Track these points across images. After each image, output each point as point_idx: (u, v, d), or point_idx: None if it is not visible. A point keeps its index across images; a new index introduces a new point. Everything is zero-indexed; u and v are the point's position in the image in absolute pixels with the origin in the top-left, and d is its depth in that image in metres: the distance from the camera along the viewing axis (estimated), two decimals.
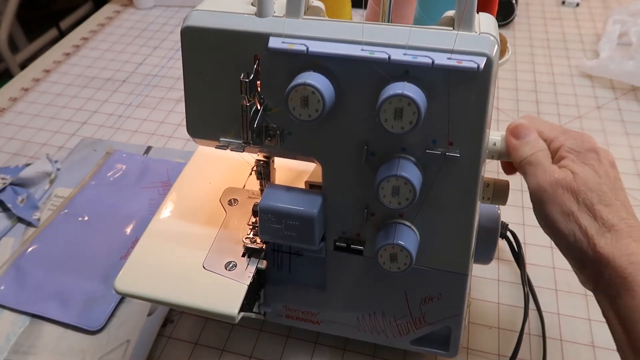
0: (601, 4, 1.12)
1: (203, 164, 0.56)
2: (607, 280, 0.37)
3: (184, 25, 0.40)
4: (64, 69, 0.98)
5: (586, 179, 0.39)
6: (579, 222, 0.38)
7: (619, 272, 0.36)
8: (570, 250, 0.39)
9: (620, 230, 0.37)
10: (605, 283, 0.37)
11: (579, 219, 0.38)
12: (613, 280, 0.37)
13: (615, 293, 0.37)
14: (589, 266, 0.38)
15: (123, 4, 1.18)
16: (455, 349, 0.48)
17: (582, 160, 0.40)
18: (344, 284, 0.47)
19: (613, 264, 0.37)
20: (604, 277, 0.37)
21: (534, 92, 0.87)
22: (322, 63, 0.38)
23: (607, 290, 0.37)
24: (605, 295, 0.38)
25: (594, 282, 0.38)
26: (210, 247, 0.48)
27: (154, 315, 0.57)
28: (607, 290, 0.37)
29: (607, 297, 0.38)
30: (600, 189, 0.39)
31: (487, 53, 0.35)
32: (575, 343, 0.54)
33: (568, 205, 0.38)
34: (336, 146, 0.41)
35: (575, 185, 0.38)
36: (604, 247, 0.37)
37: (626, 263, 0.36)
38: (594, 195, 0.38)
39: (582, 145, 0.41)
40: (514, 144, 0.42)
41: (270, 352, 0.54)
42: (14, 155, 0.79)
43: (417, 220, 0.42)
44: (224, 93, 0.41)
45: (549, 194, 0.39)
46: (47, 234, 0.65)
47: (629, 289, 0.36)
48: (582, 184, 0.38)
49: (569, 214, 0.38)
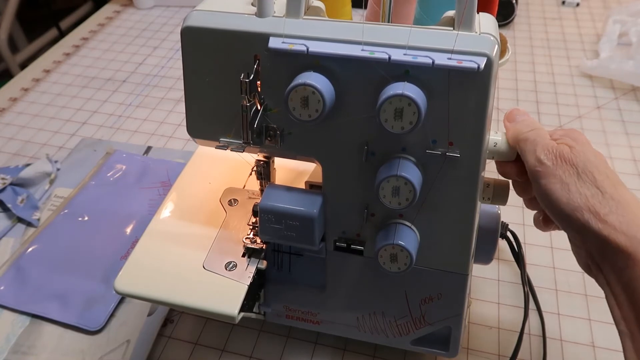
0: (601, 4, 1.12)
1: (203, 164, 0.56)
2: (614, 250, 0.35)
3: (184, 25, 0.40)
4: (64, 69, 0.98)
5: (584, 151, 0.38)
6: (580, 189, 0.37)
7: (627, 240, 0.35)
8: (572, 222, 0.37)
9: (624, 201, 0.36)
10: (612, 253, 0.36)
11: (580, 187, 0.37)
12: (621, 249, 0.35)
13: (624, 264, 0.35)
14: (592, 238, 0.37)
15: (123, 4, 1.18)
16: (455, 349, 0.48)
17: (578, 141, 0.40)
18: (344, 284, 0.47)
19: (621, 231, 0.35)
20: (610, 247, 0.36)
21: (534, 92, 0.88)
22: (322, 63, 0.38)
23: (614, 262, 0.36)
24: (612, 269, 0.36)
25: (600, 254, 0.37)
26: (211, 247, 0.48)
27: (154, 315, 0.57)
28: (615, 261, 0.36)
29: (614, 271, 0.36)
30: (600, 164, 0.38)
31: (487, 53, 0.35)
32: (575, 343, 0.54)
33: (567, 176, 0.38)
34: (336, 146, 0.41)
35: (573, 156, 0.38)
36: (609, 215, 0.36)
37: (635, 232, 0.35)
38: (592, 166, 0.38)
39: (575, 134, 0.41)
40: (509, 126, 0.42)
41: (270, 352, 0.54)
42: (14, 155, 0.79)
43: (417, 221, 0.42)
44: (224, 93, 0.41)
45: (547, 166, 0.38)
46: (47, 234, 0.65)
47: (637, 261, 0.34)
48: (580, 155, 0.38)
49: (569, 184, 0.37)
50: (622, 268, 0.35)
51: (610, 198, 0.36)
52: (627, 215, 0.36)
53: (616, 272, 0.36)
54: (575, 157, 0.38)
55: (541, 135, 0.40)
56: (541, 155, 0.39)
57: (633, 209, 0.36)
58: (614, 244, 0.35)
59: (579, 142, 0.40)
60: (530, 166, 0.40)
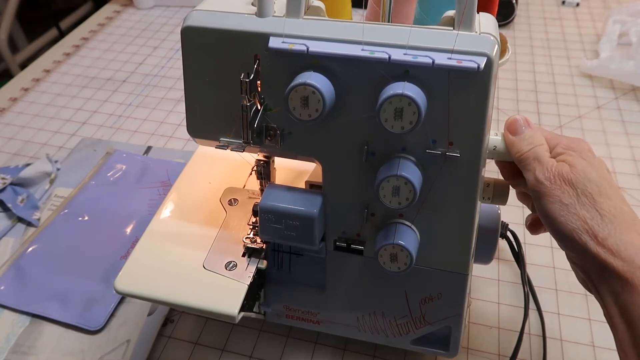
0: (601, 4, 1.12)
1: (203, 164, 0.56)
2: (611, 274, 0.36)
3: (184, 25, 0.40)
4: (64, 69, 0.98)
5: (585, 170, 0.38)
6: (579, 212, 0.37)
7: (625, 266, 0.35)
8: (570, 242, 0.38)
9: (623, 223, 0.36)
10: (610, 277, 0.36)
11: (578, 209, 0.37)
12: (618, 274, 0.35)
13: (621, 288, 0.35)
14: (590, 260, 0.37)
15: (123, 4, 1.18)
16: (455, 349, 0.48)
17: (582, 156, 0.39)
18: (344, 284, 0.47)
19: (618, 256, 0.35)
20: (607, 270, 0.36)
21: (534, 92, 0.88)
22: (322, 63, 0.38)
23: (611, 284, 0.36)
24: (609, 290, 0.36)
25: (597, 276, 0.37)
26: (211, 247, 0.48)
27: (154, 315, 0.57)
28: (612, 284, 0.36)
29: (610, 293, 0.36)
30: (601, 182, 0.38)
31: (487, 53, 0.35)
32: (575, 343, 0.54)
33: (567, 197, 0.38)
34: (336, 146, 0.41)
35: (573, 176, 0.38)
36: (607, 239, 0.36)
37: (632, 256, 0.35)
38: (593, 187, 0.37)
39: (579, 145, 0.40)
40: (511, 140, 0.42)
41: (270, 352, 0.54)
42: (14, 155, 0.79)
43: (417, 220, 0.42)
44: (224, 93, 0.41)
45: (547, 186, 0.38)
46: (47, 234, 0.65)
47: (636, 284, 0.34)
48: (581, 175, 0.38)
49: (567, 205, 0.37)
50: (619, 292, 0.36)
51: (609, 221, 0.36)
52: (625, 239, 0.36)
53: (613, 296, 0.36)
54: (575, 178, 0.38)
55: (540, 153, 0.40)
56: (540, 176, 0.39)
57: (632, 233, 0.36)
58: (611, 268, 0.36)
59: (582, 154, 0.39)
60: (530, 185, 0.40)
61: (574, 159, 0.39)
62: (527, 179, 0.40)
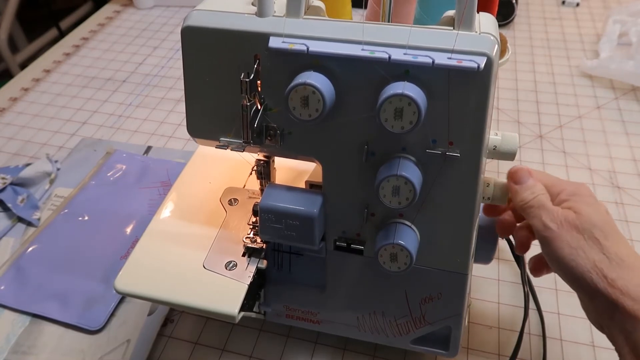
0: (601, 4, 1.12)
1: (203, 164, 0.56)
2: (622, 313, 0.37)
3: (184, 25, 0.40)
4: (64, 69, 0.98)
5: (590, 216, 0.40)
6: (588, 255, 0.38)
7: (634, 304, 0.36)
8: (581, 284, 0.39)
9: (630, 264, 0.38)
10: (621, 317, 0.37)
11: (587, 252, 0.38)
12: (629, 313, 0.36)
13: (632, 328, 0.36)
14: (601, 300, 0.38)
15: (123, 4, 1.18)
16: (455, 349, 0.48)
17: (586, 202, 0.41)
18: (344, 284, 0.47)
19: (628, 296, 0.37)
20: (618, 310, 0.37)
21: (534, 92, 0.88)
22: (322, 63, 0.38)
23: (622, 324, 0.37)
24: (621, 331, 0.37)
25: (608, 316, 0.38)
26: (211, 247, 0.48)
27: (154, 315, 0.57)
28: (623, 324, 0.37)
29: (622, 332, 0.37)
30: (605, 226, 0.39)
31: (488, 53, 0.35)
32: (575, 343, 0.54)
33: (575, 241, 0.39)
34: (336, 146, 0.41)
35: (579, 222, 0.39)
36: (617, 280, 0.37)
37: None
38: (598, 231, 0.39)
39: (581, 191, 0.42)
40: (515, 189, 0.44)
41: (270, 352, 0.54)
42: (14, 155, 0.79)
43: (417, 220, 0.42)
44: (224, 93, 0.41)
45: (555, 232, 0.40)
46: (47, 234, 0.65)
47: None
48: (586, 221, 0.39)
49: (576, 248, 0.39)
50: (630, 331, 0.37)
51: (617, 265, 0.38)
52: (634, 280, 0.37)
53: (624, 334, 0.37)
54: (581, 224, 0.39)
55: (544, 201, 0.42)
56: (547, 221, 0.40)
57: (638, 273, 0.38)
58: (622, 307, 0.37)
59: (585, 200, 0.41)
60: (539, 231, 0.41)
61: (579, 205, 0.41)
62: (534, 225, 0.41)
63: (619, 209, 0.67)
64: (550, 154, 0.75)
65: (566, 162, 0.74)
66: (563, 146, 0.77)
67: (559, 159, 0.74)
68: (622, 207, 0.67)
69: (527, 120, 0.81)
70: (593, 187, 0.70)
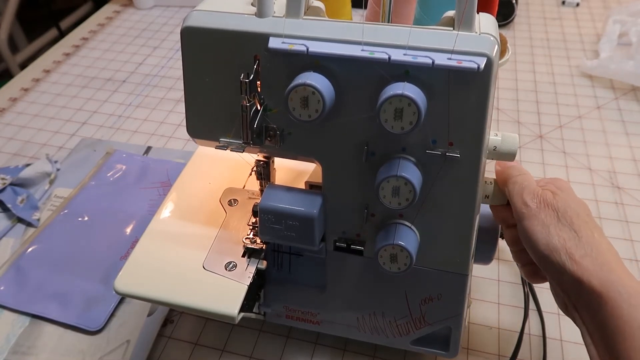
0: (601, 4, 1.12)
1: (203, 164, 0.56)
2: (587, 292, 0.37)
3: (184, 26, 0.40)
4: (64, 69, 0.98)
5: (566, 199, 0.41)
6: (559, 233, 0.39)
7: (600, 283, 0.37)
8: (549, 262, 0.39)
9: (599, 245, 0.38)
10: (586, 295, 0.37)
11: (559, 231, 0.39)
12: (595, 291, 0.37)
13: (597, 306, 0.37)
14: (568, 278, 0.38)
15: (123, 4, 1.18)
16: (455, 349, 0.48)
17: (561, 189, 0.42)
18: (344, 284, 0.47)
19: (595, 275, 0.37)
20: (584, 289, 0.37)
21: (534, 92, 0.87)
22: (322, 63, 0.38)
23: (589, 303, 0.37)
24: (587, 310, 0.38)
25: (575, 295, 0.39)
26: (210, 248, 0.48)
27: (154, 316, 0.57)
28: (589, 302, 0.37)
29: (588, 312, 0.38)
30: (579, 210, 0.41)
31: (487, 53, 0.35)
32: (576, 343, 0.54)
33: (548, 219, 0.40)
34: (336, 146, 0.41)
35: (555, 202, 0.41)
36: (584, 258, 0.38)
37: (606, 275, 0.37)
38: (573, 213, 0.40)
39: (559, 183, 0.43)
40: (500, 170, 0.45)
41: (270, 352, 0.54)
42: (14, 156, 0.79)
43: (417, 221, 0.42)
44: (224, 93, 0.41)
45: (531, 208, 0.41)
46: (47, 234, 0.65)
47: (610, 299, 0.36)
48: (562, 201, 0.41)
49: (548, 226, 0.40)
50: (596, 309, 0.37)
51: (586, 242, 0.39)
52: (600, 259, 0.38)
53: (590, 313, 0.38)
54: (557, 202, 0.41)
55: (528, 180, 0.43)
56: (527, 198, 0.42)
57: (606, 254, 0.38)
58: (588, 285, 0.37)
59: (563, 189, 0.42)
60: (517, 208, 0.42)
61: (557, 189, 0.42)
62: (514, 202, 0.42)
63: (619, 209, 0.67)
64: (550, 154, 0.75)
65: (566, 162, 0.74)
66: (563, 146, 0.77)
67: (559, 159, 0.74)
68: (622, 207, 0.67)
69: (527, 121, 0.81)
70: (593, 187, 0.70)
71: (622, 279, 0.37)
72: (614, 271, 0.37)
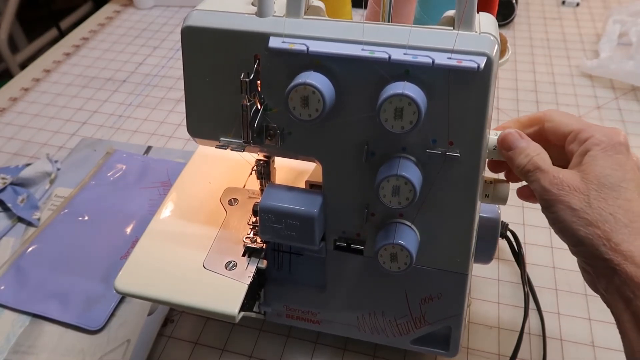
0: (601, 4, 1.12)
1: (203, 164, 0.56)
2: (623, 280, 0.35)
3: (184, 25, 0.40)
4: (64, 69, 0.98)
5: (601, 172, 0.37)
6: (590, 217, 0.36)
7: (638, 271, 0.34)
8: (583, 249, 0.37)
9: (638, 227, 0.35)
10: (621, 282, 0.35)
11: (589, 214, 0.36)
12: (632, 279, 0.34)
13: (633, 294, 0.34)
14: (601, 264, 0.36)
15: (123, 4, 1.18)
16: (455, 349, 0.48)
17: (610, 152, 0.37)
18: (344, 284, 0.48)
19: (632, 261, 0.34)
20: (618, 276, 0.35)
21: (534, 92, 0.88)
22: (322, 63, 0.38)
23: (622, 290, 0.35)
24: (621, 297, 0.35)
25: (607, 281, 0.36)
26: (211, 247, 0.48)
27: (154, 315, 0.57)
28: (623, 290, 0.35)
29: (622, 299, 0.35)
30: (619, 184, 0.36)
31: (487, 53, 0.35)
32: (575, 343, 0.54)
33: (576, 202, 0.36)
34: (336, 146, 0.41)
35: (583, 184, 0.37)
36: (621, 244, 0.35)
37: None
38: (609, 192, 0.36)
39: (614, 136, 0.38)
40: (508, 156, 0.41)
41: (270, 352, 0.54)
42: (14, 155, 0.79)
43: (417, 220, 0.42)
44: (224, 93, 0.41)
45: (554, 193, 0.37)
46: (47, 234, 0.65)
47: None
48: (595, 178, 0.37)
49: (577, 210, 0.36)
50: (632, 298, 0.35)
51: (624, 225, 0.35)
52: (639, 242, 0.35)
53: (624, 301, 0.35)
54: (586, 184, 0.37)
55: (540, 162, 0.39)
56: (546, 184, 0.38)
57: None
58: (623, 273, 0.35)
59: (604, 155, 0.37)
60: (539, 195, 0.39)
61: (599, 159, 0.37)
62: (535, 190, 0.39)
63: None
64: None
65: None
66: None
67: None
68: None
69: None
70: None
71: None
72: None
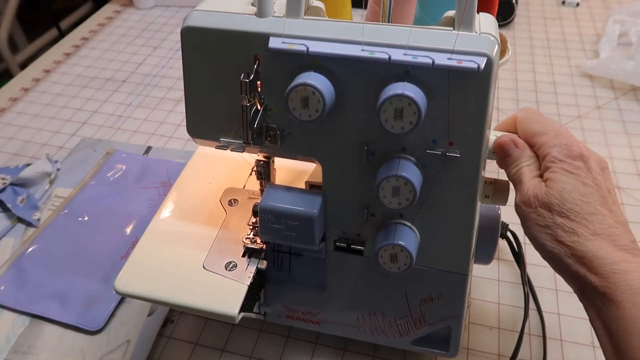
0: (601, 4, 1.12)
1: (203, 164, 0.56)
2: (591, 290, 0.37)
3: (184, 25, 0.40)
4: (64, 69, 0.98)
5: (563, 189, 0.38)
6: (556, 233, 0.38)
7: (602, 282, 0.36)
8: (553, 263, 0.39)
9: (603, 239, 0.37)
10: (590, 292, 0.37)
11: (555, 230, 0.38)
12: (597, 290, 0.36)
13: (601, 303, 0.36)
14: (571, 277, 0.38)
15: (123, 4, 1.18)
16: (455, 349, 0.48)
17: (568, 169, 0.39)
18: (344, 284, 0.47)
19: (595, 272, 0.36)
20: (588, 287, 0.37)
21: (534, 92, 0.88)
22: (322, 63, 0.38)
23: (592, 300, 0.37)
24: (591, 305, 0.37)
25: (580, 292, 0.38)
26: (211, 247, 0.48)
27: (154, 315, 0.57)
28: (593, 300, 0.37)
29: (592, 307, 0.37)
30: (581, 199, 0.38)
31: (488, 53, 0.35)
32: (575, 343, 0.54)
33: (542, 220, 0.39)
34: (336, 146, 0.41)
35: (547, 198, 0.38)
36: (584, 257, 0.37)
37: (609, 272, 0.36)
38: (571, 206, 0.38)
39: (570, 152, 0.39)
40: (501, 164, 0.43)
41: (270, 352, 0.54)
42: (14, 155, 0.79)
43: (417, 221, 0.42)
44: (224, 93, 0.41)
45: (524, 210, 0.40)
46: (47, 234, 0.65)
47: (614, 299, 0.35)
48: (557, 195, 0.38)
49: (544, 227, 0.39)
50: (600, 306, 0.37)
51: (586, 239, 0.37)
52: (602, 255, 0.37)
53: (594, 309, 0.37)
54: (549, 200, 0.38)
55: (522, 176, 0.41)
56: (518, 200, 0.40)
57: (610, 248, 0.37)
58: (590, 285, 0.37)
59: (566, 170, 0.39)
60: (515, 208, 0.41)
61: (558, 175, 0.39)
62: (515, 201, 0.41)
63: None
64: None
65: None
66: None
67: None
68: (622, 207, 0.67)
69: None
70: None
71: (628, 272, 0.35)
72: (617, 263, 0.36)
